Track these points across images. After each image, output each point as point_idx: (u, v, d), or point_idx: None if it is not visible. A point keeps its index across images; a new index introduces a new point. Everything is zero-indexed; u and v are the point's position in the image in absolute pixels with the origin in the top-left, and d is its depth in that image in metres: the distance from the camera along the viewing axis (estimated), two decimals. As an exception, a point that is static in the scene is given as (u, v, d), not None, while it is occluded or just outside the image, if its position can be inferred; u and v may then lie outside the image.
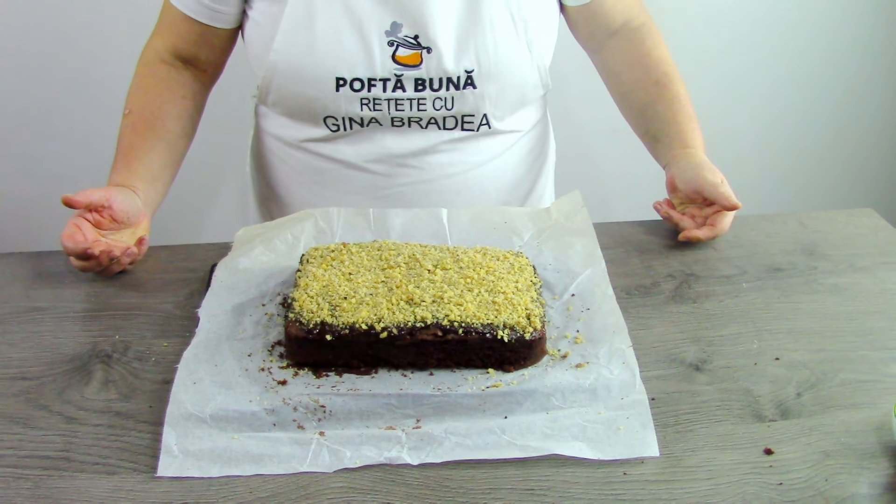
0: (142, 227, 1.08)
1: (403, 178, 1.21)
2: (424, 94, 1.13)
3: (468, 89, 1.13)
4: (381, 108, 1.14)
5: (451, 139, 1.19)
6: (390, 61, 1.11)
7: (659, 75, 1.20)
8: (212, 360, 0.85)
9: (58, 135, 2.03)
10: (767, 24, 2.10)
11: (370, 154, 1.19)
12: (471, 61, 1.11)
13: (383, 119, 1.16)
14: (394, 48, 1.10)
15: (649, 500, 0.72)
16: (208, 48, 1.18)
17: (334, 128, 1.18)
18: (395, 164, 1.20)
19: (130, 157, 1.11)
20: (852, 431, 0.79)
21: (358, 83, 1.12)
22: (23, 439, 0.79)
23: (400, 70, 1.11)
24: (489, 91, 1.14)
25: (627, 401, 0.80)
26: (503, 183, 1.27)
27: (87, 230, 1.00)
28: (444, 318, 0.84)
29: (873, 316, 0.96)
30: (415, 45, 1.10)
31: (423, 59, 1.11)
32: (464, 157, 1.21)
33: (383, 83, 1.12)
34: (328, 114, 1.16)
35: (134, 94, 1.16)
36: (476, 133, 1.20)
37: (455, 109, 1.15)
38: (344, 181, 1.22)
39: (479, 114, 1.17)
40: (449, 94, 1.14)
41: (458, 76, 1.12)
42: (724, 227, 1.08)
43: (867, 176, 2.37)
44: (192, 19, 1.14)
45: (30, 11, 1.87)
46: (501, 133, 1.23)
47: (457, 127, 1.18)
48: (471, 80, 1.13)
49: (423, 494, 0.73)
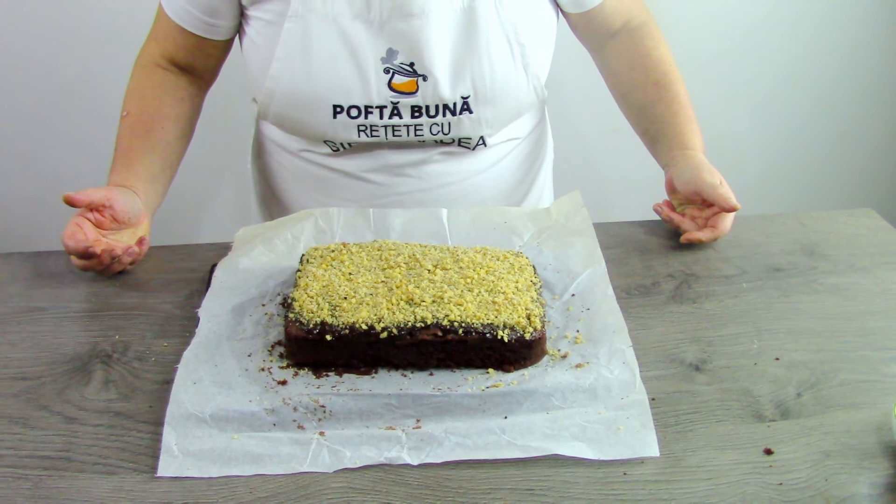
0: (142, 228, 1.08)
1: (401, 186, 1.21)
2: (421, 120, 1.13)
3: (464, 114, 1.13)
4: (379, 134, 1.14)
5: (449, 151, 1.20)
6: (386, 89, 1.10)
7: (658, 76, 1.20)
8: (212, 360, 0.85)
9: (57, 135, 2.03)
10: (767, 24, 2.10)
11: (369, 165, 1.20)
12: (467, 87, 1.11)
13: (381, 143, 1.16)
14: (390, 76, 1.10)
15: (649, 500, 0.72)
16: (204, 57, 1.18)
17: (334, 149, 1.18)
18: (394, 173, 1.20)
19: (130, 158, 1.11)
20: (852, 431, 0.79)
21: (355, 110, 1.11)
22: (23, 439, 0.79)
23: (396, 97, 1.11)
24: (485, 115, 1.14)
25: (627, 401, 0.80)
26: (501, 189, 1.27)
27: (88, 229, 1.00)
28: (444, 318, 0.84)
29: (873, 316, 0.96)
30: (411, 73, 1.10)
31: (420, 87, 1.11)
32: (461, 167, 1.22)
33: (380, 110, 1.12)
34: (327, 138, 1.16)
35: (131, 96, 1.16)
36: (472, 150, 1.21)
37: (452, 133, 1.15)
38: (343, 189, 1.22)
39: (475, 136, 1.18)
40: (445, 119, 1.13)
41: (454, 102, 1.12)
42: (726, 229, 1.08)
43: (867, 176, 2.37)
44: (187, 31, 1.14)
45: (29, 12, 1.87)
46: (498, 143, 1.23)
47: (453, 144, 1.19)
48: (467, 106, 1.12)
49: (423, 494, 0.73)
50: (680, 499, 0.72)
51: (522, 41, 1.11)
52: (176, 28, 1.14)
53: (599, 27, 1.22)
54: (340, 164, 1.21)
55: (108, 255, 0.99)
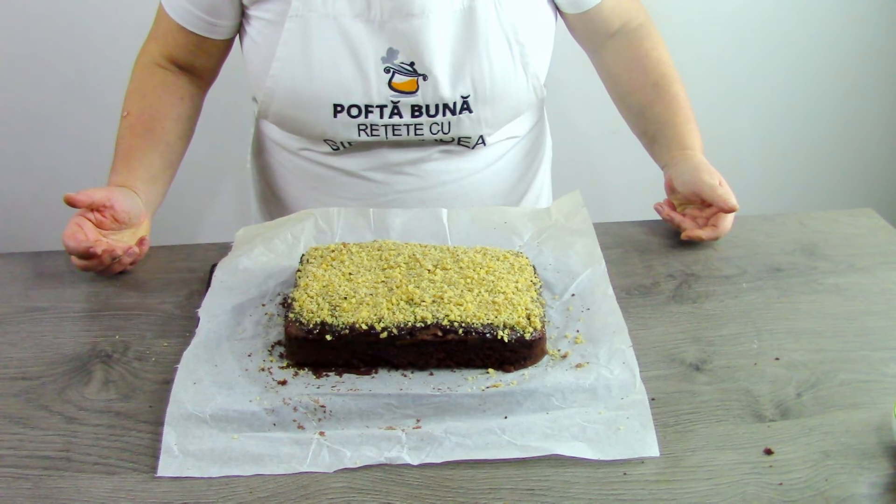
0: (142, 228, 1.08)
1: (401, 185, 1.21)
2: (421, 119, 1.13)
3: (464, 114, 1.13)
4: (379, 133, 1.14)
5: (448, 150, 1.20)
6: (387, 88, 1.11)
7: (657, 77, 1.20)
8: (212, 360, 0.85)
9: (57, 135, 2.03)
10: (767, 24, 2.10)
11: (369, 163, 1.20)
12: (467, 87, 1.11)
13: (381, 142, 1.16)
14: (390, 75, 1.10)
15: (649, 500, 0.72)
16: (204, 56, 1.18)
17: (334, 147, 1.19)
18: (393, 171, 1.20)
19: (130, 158, 1.11)
20: (852, 431, 0.79)
21: (355, 109, 1.12)
22: (23, 439, 0.79)
23: (396, 97, 1.11)
24: (485, 115, 1.15)
25: (627, 401, 0.80)
26: (500, 188, 1.27)
27: (88, 229, 1.00)
28: (444, 318, 0.84)
29: (873, 316, 0.96)
30: (411, 72, 1.10)
31: (420, 86, 1.11)
32: (460, 165, 1.22)
33: (380, 109, 1.12)
34: (327, 137, 1.16)
35: (131, 96, 1.16)
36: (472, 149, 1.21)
37: (451, 133, 1.16)
38: (342, 188, 1.23)
39: (475, 136, 1.18)
40: (445, 119, 1.14)
41: (454, 102, 1.12)
42: (726, 228, 1.08)
43: (867, 176, 2.37)
44: (187, 31, 1.14)
45: (29, 11, 1.87)
46: (497, 142, 1.23)
47: (453, 143, 1.19)
48: (467, 105, 1.13)
49: (423, 494, 0.73)
50: (680, 499, 0.72)
51: (522, 41, 1.11)
52: (176, 27, 1.14)
53: (598, 28, 1.22)
54: (340, 162, 1.21)
55: (108, 255, 0.99)
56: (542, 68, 1.18)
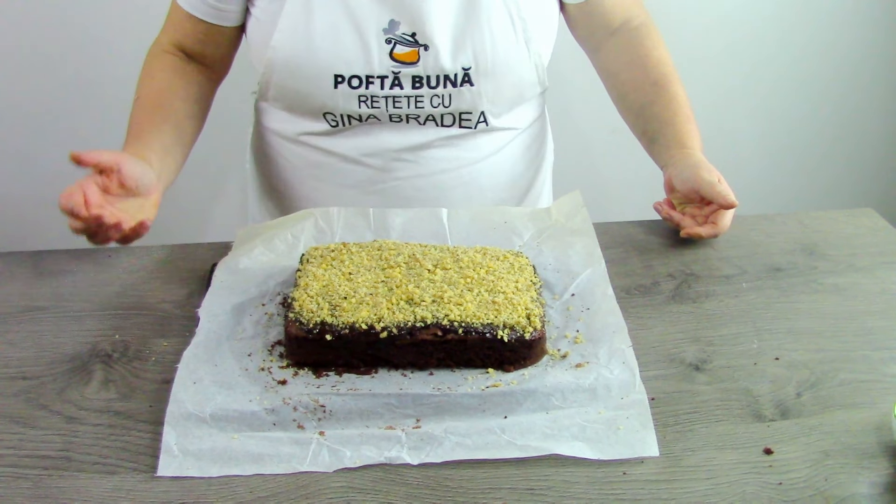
0: (151, 201, 1.04)
1: (399, 172, 1.21)
2: (422, 91, 1.14)
3: (465, 87, 1.14)
4: (379, 105, 1.15)
5: (448, 136, 1.20)
6: (388, 59, 1.11)
7: (657, 76, 1.20)
8: (212, 360, 0.85)
9: (57, 135, 2.03)
10: (767, 24, 2.10)
11: (367, 148, 1.20)
12: (468, 59, 1.12)
13: (381, 115, 1.16)
14: (391, 45, 1.11)
15: (649, 500, 0.72)
16: (214, 46, 1.19)
17: (333, 123, 1.18)
18: (392, 158, 1.20)
19: (141, 131, 1.11)
20: (852, 431, 0.79)
21: (356, 80, 1.12)
22: (23, 439, 0.79)
23: (397, 67, 1.11)
24: (486, 88, 1.15)
25: (627, 401, 0.80)
26: (500, 180, 1.27)
27: (92, 193, 0.97)
28: (444, 317, 0.84)
29: (873, 316, 0.96)
30: (412, 43, 1.10)
31: (421, 57, 1.11)
32: (460, 153, 1.22)
33: (381, 80, 1.12)
34: (327, 110, 1.16)
35: (142, 82, 1.18)
36: (473, 130, 1.20)
37: (452, 107, 1.16)
38: (340, 175, 1.23)
39: (476, 111, 1.18)
40: (446, 91, 1.14)
41: (455, 73, 1.12)
42: (726, 226, 1.08)
43: (867, 176, 2.37)
44: (197, 18, 1.16)
45: (30, 11, 1.87)
46: (498, 130, 1.23)
47: (454, 124, 1.19)
48: (468, 78, 1.13)
49: (423, 494, 0.73)
50: (680, 499, 0.72)
51: (524, 16, 1.12)
52: (185, 15, 1.16)
53: (598, 23, 1.22)
54: (339, 145, 1.20)
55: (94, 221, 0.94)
56: (546, 48, 1.18)
